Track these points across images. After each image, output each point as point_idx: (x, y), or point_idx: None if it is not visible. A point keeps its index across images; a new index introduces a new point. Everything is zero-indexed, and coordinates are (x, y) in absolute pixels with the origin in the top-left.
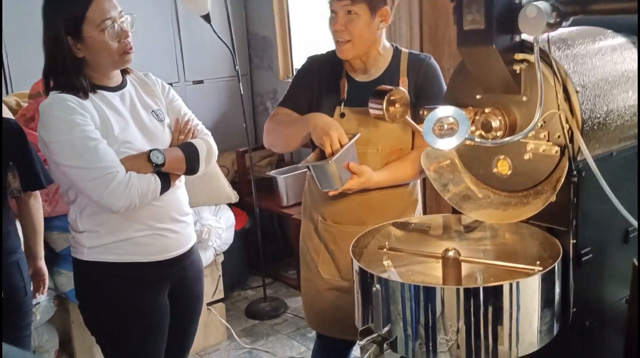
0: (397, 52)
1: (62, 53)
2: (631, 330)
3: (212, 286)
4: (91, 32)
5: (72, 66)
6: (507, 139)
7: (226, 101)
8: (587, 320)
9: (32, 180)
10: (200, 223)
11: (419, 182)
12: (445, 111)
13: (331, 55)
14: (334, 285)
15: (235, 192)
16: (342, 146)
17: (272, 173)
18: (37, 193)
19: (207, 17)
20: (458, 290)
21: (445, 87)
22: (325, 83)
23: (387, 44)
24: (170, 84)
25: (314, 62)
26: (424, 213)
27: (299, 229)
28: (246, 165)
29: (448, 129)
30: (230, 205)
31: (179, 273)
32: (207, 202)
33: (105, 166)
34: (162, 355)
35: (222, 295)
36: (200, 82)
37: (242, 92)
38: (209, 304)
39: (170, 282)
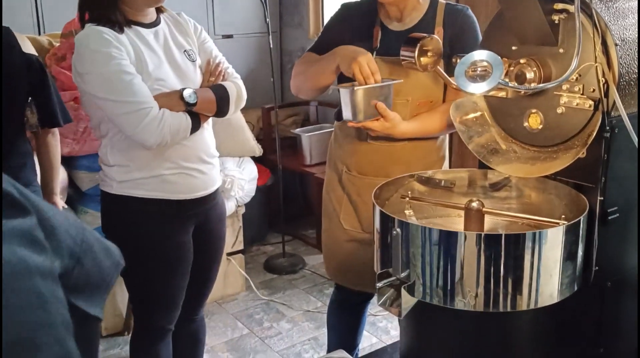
0: (434, 2)
1: None
2: None
3: (232, 237)
4: None
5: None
6: (540, 85)
7: (254, 57)
8: (609, 281)
9: (50, 117)
10: (223, 173)
11: (447, 139)
12: (480, 55)
13: (366, 2)
14: (355, 237)
15: (259, 146)
16: (376, 82)
17: (297, 131)
18: (56, 131)
19: None
20: (480, 236)
21: (480, 39)
22: (358, 31)
23: None
24: None
25: (347, 10)
26: None
27: (321, 188)
28: (271, 122)
29: (481, 72)
30: (253, 161)
31: (203, 213)
32: (231, 153)
33: (140, 101)
34: (183, 291)
35: (241, 247)
36: (230, 36)
37: (271, 46)
38: (229, 254)
39: (195, 222)
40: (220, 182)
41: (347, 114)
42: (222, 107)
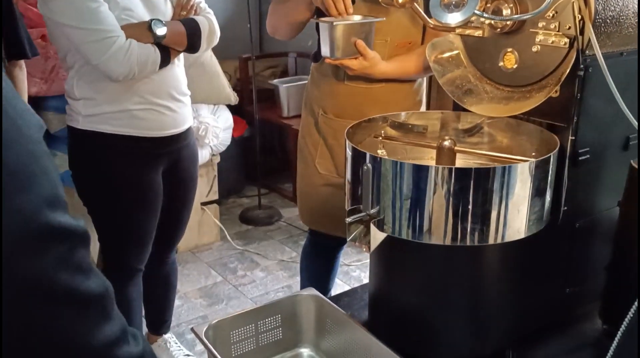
0: None
1: None
2: (621, 233)
3: (206, 186)
4: None
5: None
6: (515, 16)
7: (232, 5)
8: (578, 222)
9: (16, 48)
10: (198, 120)
11: (424, 83)
12: None
13: None
14: (330, 181)
15: (235, 94)
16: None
17: (275, 82)
18: (23, 64)
19: None
20: (450, 169)
21: None
22: None
23: None
24: None
25: None
26: None
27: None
28: (249, 73)
29: (457, 2)
30: (230, 111)
31: (174, 153)
32: (206, 100)
33: (106, 29)
34: (152, 231)
35: (216, 197)
36: None
37: None
38: (203, 204)
39: (166, 161)
40: (191, 121)
41: (325, 50)
42: (193, 42)
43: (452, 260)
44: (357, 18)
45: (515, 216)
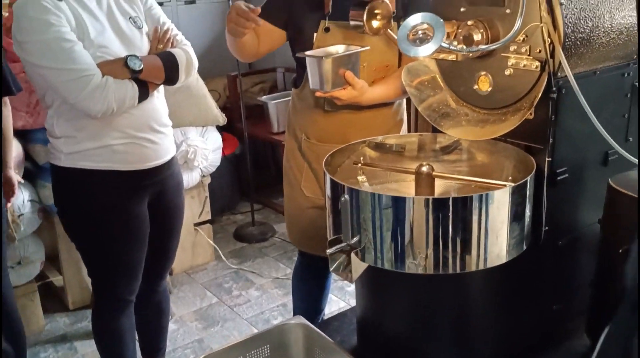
0: None
1: None
2: (603, 250)
3: (198, 208)
4: None
5: None
6: (482, 47)
7: (219, 23)
8: (560, 240)
9: (1, 85)
10: (186, 143)
11: (404, 102)
12: (420, 18)
13: None
14: (316, 204)
15: (224, 114)
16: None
17: (264, 98)
18: (7, 100)
19: None
20: (427, 200)
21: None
22: None
23: None
24: (162, 3)
25: None
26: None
27: None
28: (238, 90)
29: (423, 35)
30: (221, 130)
31: (158, 184)
32: (194, 123)
33: (81, 68)
34: (141, 263)
35: (209, 217)
36: (193, 2)
37: None
38: (197, 225)
39: (150, 193)
40: (174, 151)
41: (314, 84)
42: (170, 74)
43: (436, 287)
44: (340, 48)
45: (495, 242)
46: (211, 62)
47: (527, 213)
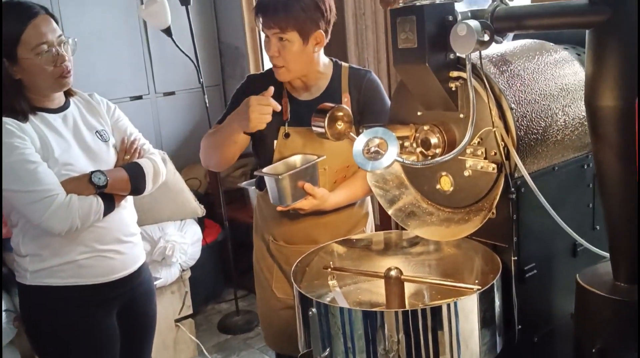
0: (337, 68)
1: None
2: (577, 347)
3: (179, 303)
4: (26, 55)
5: (10, 88)
6: (438, 159)
7: (198, 112)
8: (536, 336)
9: None
10: (164, 239)
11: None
12: (373, 133)
13: (271, 73)
14: (289, 304)
15: (202, 206)
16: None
17: (244, 184)
18: None
19: (168, 31)
20: (397, 313)
21: (388, 101)
22: None
23: (327, 60)
24: (141, 96)
25: (253, 81)
26: (377, 223)
27: None
28: (217, 177)
29: (377, 150)
30: (203, 218)
31: (127, 293)
32: (172, 217)
33: (45, 189)
34: None
35: (190, 311)
36: (172, 93)
37: (207, 104)
38: (177, 321)
39: (119, 303)
40: (143, 258)
41: (274, 199)
42: (137, 185)
43: None
44: (297, 159)
45: (466, 350)
46: (191, 150)
47: (497, 316)
